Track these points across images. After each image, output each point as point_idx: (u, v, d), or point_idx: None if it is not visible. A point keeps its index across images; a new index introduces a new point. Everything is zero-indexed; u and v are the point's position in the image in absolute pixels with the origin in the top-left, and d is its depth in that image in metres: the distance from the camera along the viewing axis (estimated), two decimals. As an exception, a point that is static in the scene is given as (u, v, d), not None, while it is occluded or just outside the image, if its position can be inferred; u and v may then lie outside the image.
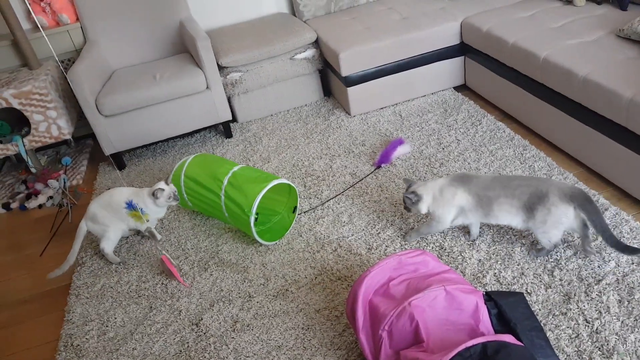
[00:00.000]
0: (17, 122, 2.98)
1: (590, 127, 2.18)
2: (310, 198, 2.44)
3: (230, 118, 3.06)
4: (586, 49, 2.31)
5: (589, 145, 2.22)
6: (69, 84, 2.76)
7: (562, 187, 1.74)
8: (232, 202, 2.11)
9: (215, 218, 2.41)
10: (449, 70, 3.10)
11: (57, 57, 3.18)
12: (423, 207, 1.93)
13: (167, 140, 3.28)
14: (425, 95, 3.15)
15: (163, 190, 2.17)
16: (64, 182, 2.94)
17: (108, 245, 2.24)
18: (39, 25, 2.66)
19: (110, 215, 2.23)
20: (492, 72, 2.82)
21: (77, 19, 3.15)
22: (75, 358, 1.85)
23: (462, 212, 1.90)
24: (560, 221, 1.74)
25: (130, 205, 2.20)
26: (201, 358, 1.74)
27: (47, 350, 1.93)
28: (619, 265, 1.77)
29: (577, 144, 2.30)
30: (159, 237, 2.34)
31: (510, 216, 1.82)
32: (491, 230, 2.02)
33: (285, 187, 2.27)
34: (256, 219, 2.18)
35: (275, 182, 2.08)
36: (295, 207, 2.28)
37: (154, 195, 2.16)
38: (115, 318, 1.99)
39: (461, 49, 3.05)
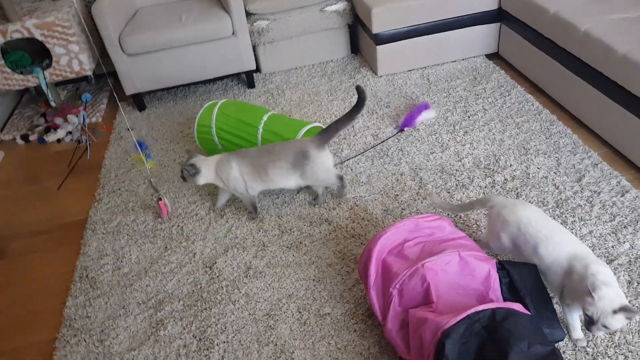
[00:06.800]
0: (38, 54, 2.96)
1: (623, 108, 2.12)
2: (329, 155, 2.43)
3: (255, 67, 3.02)
4: (629, 25, 2.22)
5: (619, 126, 2.16)
6: (92, 19, 2.72)
7: (313, 140, 1.99)
8: (273, 134, 2.18)
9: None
10: (483, 36, 3.00)
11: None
12: (200, 180, 2.04)
13: (188, 85, 3.25)
14: (455, 61, 3.07)
15: None
16: (84, 119, 2.94)
17: None
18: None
19: None
20: (527, 41, 2.73)
21: (105, -48, 3.06)
22: (90, 289, 1.91)
23: (245, 182, 2.03)
24: (327, 165, 2.01)
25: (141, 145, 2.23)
26: (213, 299, 1.79)
27: (63, 280, 1.99)
28: (632, 247, 1.76)
29: (606, 123, 2.25)
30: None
31: (285, 178, 2.01)
32: (509, 203, 2.01)
33: None
34: None
35: (315, 124, 2.21)
36: None
37: None
38: (131, 255, 2.03)
39: (498, 15, 2.94)
